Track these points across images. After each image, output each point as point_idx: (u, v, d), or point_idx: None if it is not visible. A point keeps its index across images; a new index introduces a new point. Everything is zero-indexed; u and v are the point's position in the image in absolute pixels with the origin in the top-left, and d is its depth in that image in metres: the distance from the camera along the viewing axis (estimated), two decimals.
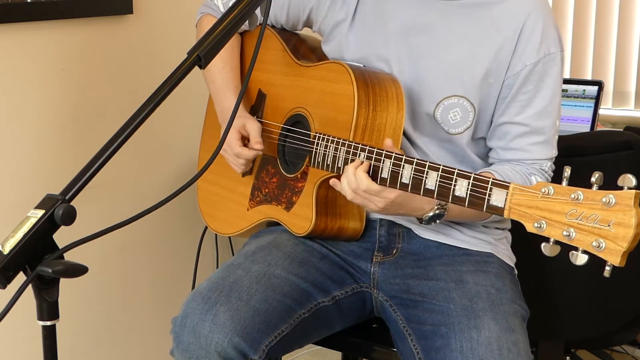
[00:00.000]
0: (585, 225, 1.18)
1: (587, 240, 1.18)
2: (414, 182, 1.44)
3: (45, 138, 2.13)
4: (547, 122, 1.65)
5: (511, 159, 1.66)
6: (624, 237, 1.14)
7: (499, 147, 1.68)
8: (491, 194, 1.32)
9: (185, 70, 1.21)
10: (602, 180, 1.18)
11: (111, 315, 2.37)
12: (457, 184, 1.37)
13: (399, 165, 1.47)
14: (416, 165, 1.44)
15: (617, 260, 1.15)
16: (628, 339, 2.53)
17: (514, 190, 1.28)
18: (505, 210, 1.29)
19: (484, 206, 1.33)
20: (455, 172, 1.38)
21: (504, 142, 1.66)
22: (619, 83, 3.10)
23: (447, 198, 1.38)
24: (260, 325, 1.53)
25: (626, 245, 1.14)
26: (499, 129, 1.67)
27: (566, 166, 1.23)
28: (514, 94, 1.64)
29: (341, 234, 1.70)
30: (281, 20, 1.87)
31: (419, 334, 1.56)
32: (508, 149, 1.66)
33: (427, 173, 1.42)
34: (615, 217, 1.15)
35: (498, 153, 1.68)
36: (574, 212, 1.19)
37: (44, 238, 1.08)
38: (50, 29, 2.09)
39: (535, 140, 1.65)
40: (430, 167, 1.42)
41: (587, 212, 1.18)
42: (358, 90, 1.60)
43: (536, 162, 1.65)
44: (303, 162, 1.72)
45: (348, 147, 1.57)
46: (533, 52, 1.62)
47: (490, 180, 1.33)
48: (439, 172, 1.40)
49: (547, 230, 1.22)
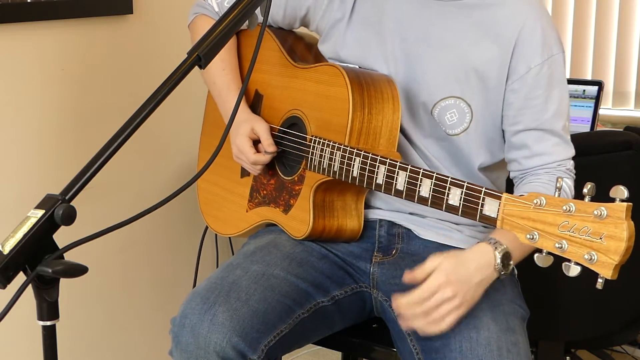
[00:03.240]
0: (578, 238, 1.17)
1: (579, 253, 1.17)
2: (408, 190, 1.44)
3: (45, 138, 2.13)
4: (561, 123, 1.64)
5: (536, 165, 1.63)
6: (616, 250, 1.14)
7: (522, 157, 1.65)
8: (484, 203, 1.31)
9: (185, 70, 1.21)
10: (595, 191, 1.17)
11: (111, 315, 2.37)
12: (450, 193, 1.37)
13: (393, 171, 1.47)
14: (410, 172, 1.44)
15: (609, 273, 1.15)
16: (628, 339, 2.53)
17: (506, 200, 1.28)
18: (498, 220, 1.29)
19: (476, 216, 1.32)
20: (449, 180, 1.38)
21: (525, 151, 1.64)
22: (619, 83, 3.10)
23: (441, 207, 1.38)
24: (259, 326, 1.53)
25: (618, 258, 1.14)
26: (517, 138, 1.64)
27: (559, 177, 1.22)
28: (525, 99, 1.62)
29: (339, 236, 1.70)
30: (278, 18, 1.87)
31: (418, 334, 1.56)
32: (532, 157, 1.64)
33: (421, 180, 1.42)
34: (607, 229, 1.14)
35: (521, 163, 1.65)
36: (566, 224, 1.18)
37: (44, 238, 1.08)
38: (50, 29, 2.09)
39: (554, 141, 1.63)
40: (425, 174, 1.41)
41: (579, 224, 1.17)
42: (353, 94, 1.60)
43: (562, 164, 1.63)
44: (300, 165, 1.72)
45: (343, 152, 1.57)
46: (536, 54, 1.61)
47: (483, 189, 1.32)
48: (433, 179, 1.40)
49: (539, 241, 1.22)
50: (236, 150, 1.80)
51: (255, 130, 1.78)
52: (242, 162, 1.81)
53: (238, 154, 1.80)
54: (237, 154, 1.80)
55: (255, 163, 1.77)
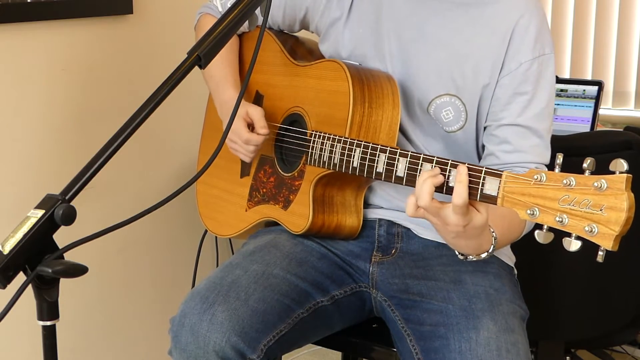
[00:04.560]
0: (578, 211, 1.17)
1: (579, 226, 1.17)
2: (409, 175, 1.44)
3: (45, 138, 2.13)
4: (545, 125, 1.64)
5: (514, 161, 1.63)
6: (616, 221, 1.14)
7: (502, 151, 1.65)
8: (484, 182, 1.31)
9: (185, 70, 1.21)
10: (595, 166, 1.18)
11: (111, 315, 2.37)
12: (451, 175, 1.37)
13: (393, 159, 1.47)
14: (411, 157, 1.44)
15: (609, 244, 1.15)
16: (628, 339, 2.53)
17: (507, 178, 1.28)
18: (499, 198, 1.28)
19: (477, 195, 1.32)
20: (449, 162, 1.38)
21: (506, 146, 1.64)
22: (619, 83, 3.10)
23: (442, 190, 1.37)
24: (259, 325, 1.53)
25: (618, 229, 1.13)
26: (499, 131, 1.65)
27: (558, 153, 1.23)
28: (512, 94, 1.63)
29: (339, 231, 1.71)
30: (278, 20, 1.87)
31: (417, 335, 1.56)
32: (512, 152, 1.64)
33: (422, 165, 1.41)
34: (607, 201, 1.15)
35: (499, 157, 1.65)
36: (567, 198, 1.18)
37: (44, 238, 1.08)
38: (50, 29, 2.09)
39: (535, 142, 1.64)
40: (425, 159, 1.41)
41: (579, 198, 1.17)
42: (353, 87, 1.60)
43: (538, 166, 1.63)
44: (300, 160, 1.72)
45: (344, 144, 1.58)
46: (528, 51, 1.62)
47: (483, 169, 1.32)
48: (433, 163, 1.40)
49: (540, 217, 1.22)
50: (231, 134, 1.79)
51: (249, 113, 1.77)
52: (236, 144, 1.80)
53: (232, 136, 1.79)
54: (231, 137, 1.79)
55: (247, 142, 1.76)
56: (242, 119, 1.77)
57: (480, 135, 1.69)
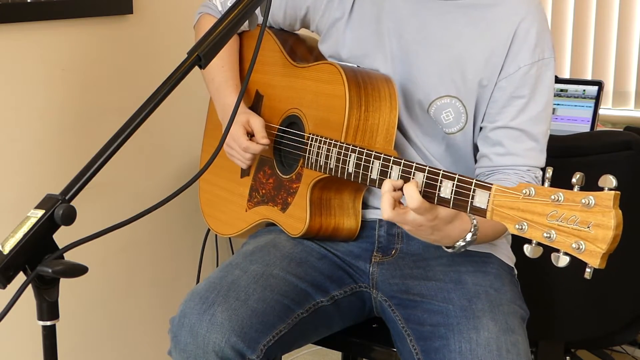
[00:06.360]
0: (566, 227, 1.16)
1: (567, 242, 1.16)
2: None
3: (45, 138, 2.13)
4: (541, 128, 1.64)
5: (507, 164, 1.63)
6: (603, 238, 1.12)
7: (495, 153, 1.65)
8: (474, 195, 1.31)
9: (185, 70, 1.21)
10: (584, 181, 1.17)
11: (111, 315, 2.37)
12: (442, 185, 1.37)
13: (387, 166, 1.47)
14: (403, 166, 1.44)
15: (596, 262, 1.13)
16: (628, 339, 2.53)
17: (496, 191, 1.27)
18: (488, 211, 1.28)
19: (467, 208, 1.32)
20: (441, 173, 1.38)
21: (499, 148, 1.64)
22: (619, 83, 3.10)
23: (433, 200, 1.38)
24: (258, 325, 1.54)
25: (605, 247, 1.12)
26: (494, 134, 1.65)
27: (548, 167, 1.22)
28: (509, 97, 1.62)
29: (336, 234, 1.70)
30: (278, 19, 1.87)
31: (418, 335, 1.56)
32: (505, 155, 1.63)
33: (414, 174, 1.41)
34: (594, 218, 1.13)
35: (492, 160, 1.65)
36: (555, 214, 1.18)
37: (44, 238, 1.08)
38: (50, 29, 2.09)
39: (530, 145, 1.63)
40: (417, 168, 1.41)
41: (567, 214, 1.16)
42: (350, 91, 1.60)
43: (532, 170, 1.63)
44: (298, 163, 1.72)
45: (339, 148, 1.58)
46: (527, 54, 1.62)
47: (473, 181, 1.32)
48: (425, 172, 1.40)
49: (528, 232, 1.21)
50: (229, 139, 1.79)
51: (250, 123, 1.77)
52: (233, 150, 1.80)
53: (230, 142, 1.79)
54: (229, 142, 1.79)
55: (246, 150, 1.76)
56: (242, 126, 1.77)
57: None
